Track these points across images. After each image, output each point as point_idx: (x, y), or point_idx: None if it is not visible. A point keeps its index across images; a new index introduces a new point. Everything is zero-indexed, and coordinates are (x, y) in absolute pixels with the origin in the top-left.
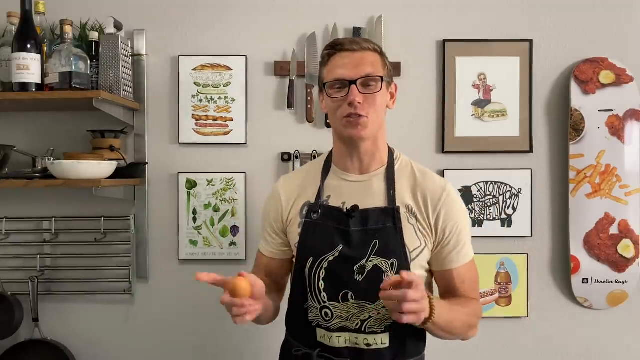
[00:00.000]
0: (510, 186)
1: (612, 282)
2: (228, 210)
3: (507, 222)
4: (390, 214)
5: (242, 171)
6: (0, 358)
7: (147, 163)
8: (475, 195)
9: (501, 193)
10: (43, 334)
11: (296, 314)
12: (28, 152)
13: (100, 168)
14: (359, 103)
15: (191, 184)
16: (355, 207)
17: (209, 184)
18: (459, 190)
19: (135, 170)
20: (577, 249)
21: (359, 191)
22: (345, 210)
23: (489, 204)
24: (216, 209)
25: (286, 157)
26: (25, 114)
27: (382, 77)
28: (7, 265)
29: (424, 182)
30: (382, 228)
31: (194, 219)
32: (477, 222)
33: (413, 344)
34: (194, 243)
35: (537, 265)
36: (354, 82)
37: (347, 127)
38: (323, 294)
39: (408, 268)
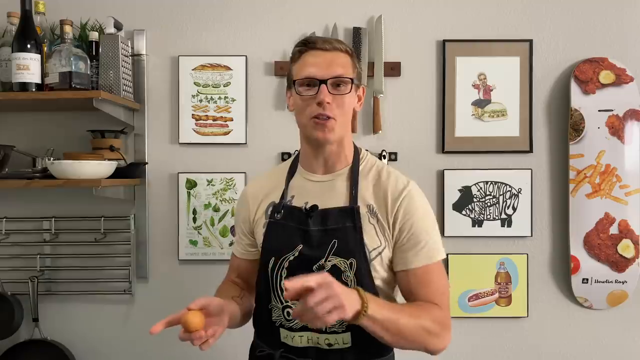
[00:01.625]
0: (510, 186)
1: (612, 282)
2: (228, 210)
3: (507, 222)
4: (349, 214)
5: (242, 171)
6: (0, 358)
7: (147, 163)
8: (475, 195)
9: (501, 193)
10: (43, 334)
11: (261, 314)
12: (28, 152)
13: (100, 168)
14: (327, 103)
15: (191, 184)
16: (314, 207)
17: (209, 184)
18: (459, 190)
19: (135, 170)
20: (577, 249)
21: (321, 191)
22: (305, 209)
23: (489, 204)
24: (216, 209)
25: (286, 157)
26: (25, 114)
27: (352, 80)
28: (7, 265)
29: (387, 181)
30: (341, 228)
31: (194, 219)
32: (477, 222)
33: (377, 343)
34: (194, 243)
35: (537, 265)
36: (324, 81)
37: (315, 128)
38: (284, 293)
39: (367, 268)
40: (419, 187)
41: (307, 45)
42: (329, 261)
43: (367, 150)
